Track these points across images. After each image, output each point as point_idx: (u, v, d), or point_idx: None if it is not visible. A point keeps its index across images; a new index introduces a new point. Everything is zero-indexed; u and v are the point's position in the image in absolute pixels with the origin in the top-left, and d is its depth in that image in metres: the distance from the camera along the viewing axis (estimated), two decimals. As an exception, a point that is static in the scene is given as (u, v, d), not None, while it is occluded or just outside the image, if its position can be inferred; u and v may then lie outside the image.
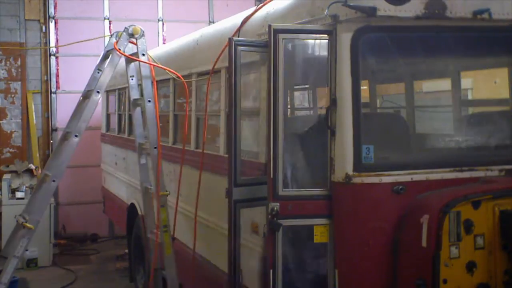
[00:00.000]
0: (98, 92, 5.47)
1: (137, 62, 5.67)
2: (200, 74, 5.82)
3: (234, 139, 4.11)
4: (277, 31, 3.63)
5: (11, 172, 10.45)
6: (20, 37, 11.65)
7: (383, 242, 3.58)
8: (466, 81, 4.91)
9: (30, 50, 11.69)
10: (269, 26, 3.64)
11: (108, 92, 10.33)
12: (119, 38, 5.55)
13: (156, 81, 7.20)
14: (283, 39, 3.64)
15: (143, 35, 5.59)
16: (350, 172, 3.57)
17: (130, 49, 5.70)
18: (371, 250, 3.58)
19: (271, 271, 3.62)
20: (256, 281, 4.37)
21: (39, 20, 11.75)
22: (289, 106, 5.37)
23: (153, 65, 5.72)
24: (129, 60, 5.80)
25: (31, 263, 9.69)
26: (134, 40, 5.58)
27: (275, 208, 3.62)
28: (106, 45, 5.90)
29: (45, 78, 11.83)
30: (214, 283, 5.29)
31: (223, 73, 5.07)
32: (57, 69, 11.91)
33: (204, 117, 5.20)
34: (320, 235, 3.71)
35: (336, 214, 3.67)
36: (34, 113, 11.71)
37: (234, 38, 4.14)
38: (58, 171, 5.34)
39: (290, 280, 3.82)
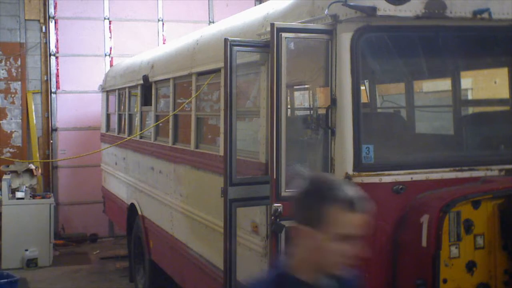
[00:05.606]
0: None
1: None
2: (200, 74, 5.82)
3: (229, 138, 4.12)
4: (280, 30, 3.62)
5: (11, 172, 10.46)
6: (20, 37, 11.65)
7: (383, 242, 3.58)
8: (466, 81, 4.90)
9: (30, 50, 11.69)
10: (272, 24, 3.63)
11: (108, 92, 10.34)
12: None
13: (156, 81, 7.23)
14: (285, 37, 3.63)
15: None
16: (350, 172, 3.57)
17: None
18: (371, 250, 3.57)
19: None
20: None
21: (39, 20, 11.75)
22: (289, 106, 5.36)
23: None
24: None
25: (31, 263, 9.69)
26: None
27: (279, 209, 3.61)
28: None
29: (45, 78, 11.83)
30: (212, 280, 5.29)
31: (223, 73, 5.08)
32: (57, 69, 11.90)
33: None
34: (321, 236, 3.70)
35: (336, 214, 3.66)
36: (34, 113, 11.71)
37: (229, 38, 4.14)
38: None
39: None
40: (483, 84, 4.98)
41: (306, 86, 5.52)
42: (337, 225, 2.08)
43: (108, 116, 10.42)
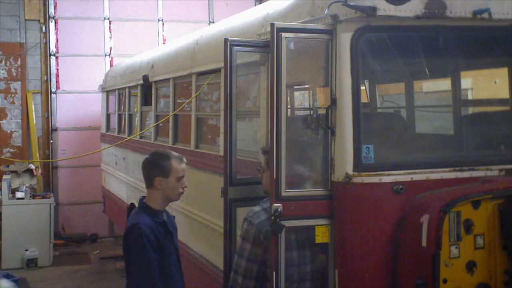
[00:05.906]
0: None
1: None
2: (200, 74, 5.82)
3: (229, 138, 4.12)
4: (280, 30, 3.61)
5: (11, 172, 10.46)
6: (20, 37, 11.66)
7: (383, 242, 3.58)
8: (466, 81, 4.90)
9: (30, 50, 11.70)
10: (272, 24, 3.62)
11: (108, 92, 10.35)
12: None
13: (156, 81, 7.23)
14: (285, 37, 3.62)
15: None
16: (350, 172, 3.57)
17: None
18: (371, 250, 3.58)
19: (273, 272, 3.60)
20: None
21: (39, 20, 11.76)
22: (289, 106, 5.36)
23: None
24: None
25: (31, 263, 9.69)
26: None
27: (279, 209, 3.60)
28: None
29: (45, 78, 11.84)
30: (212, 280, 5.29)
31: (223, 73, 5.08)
32: (57, 69, 11.91)
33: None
34: (322, 236, 3.69)
35: (336, 214, 3.67)
36: (34, 113, 11.72)
37: (229, 38, 4.14)
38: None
39: (292, 281, 3.80)
40: (483, 84, 4.98)
41: (306, 86, 5.52)
42: (177, 171, 3.82)
43: (108, 116, 10.43)
